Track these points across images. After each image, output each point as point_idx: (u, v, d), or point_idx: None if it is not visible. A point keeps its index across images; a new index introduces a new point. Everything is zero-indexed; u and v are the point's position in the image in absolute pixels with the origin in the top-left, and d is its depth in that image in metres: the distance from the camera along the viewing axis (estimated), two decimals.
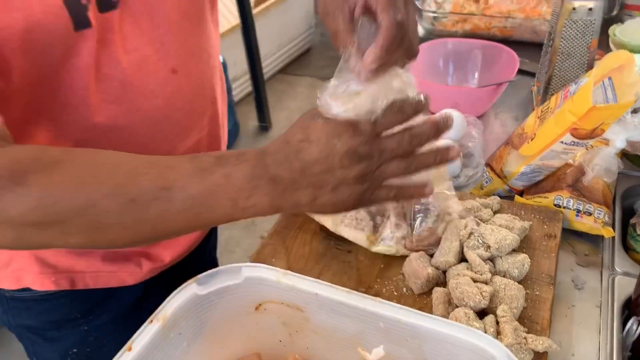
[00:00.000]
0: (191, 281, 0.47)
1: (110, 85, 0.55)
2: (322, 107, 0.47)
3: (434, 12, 1.14)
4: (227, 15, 2.70)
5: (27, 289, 0.66)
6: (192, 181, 0.47)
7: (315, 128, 0.46)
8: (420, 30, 1.20)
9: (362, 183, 0.47)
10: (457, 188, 0.78)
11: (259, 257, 0.66)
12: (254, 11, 2.65)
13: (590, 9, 0.80)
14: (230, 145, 0.78)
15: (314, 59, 3.67)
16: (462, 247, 0.62)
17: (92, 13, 0.51)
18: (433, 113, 0.88)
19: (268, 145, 0.48)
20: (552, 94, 0.87)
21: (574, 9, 0.81)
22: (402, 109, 0.47)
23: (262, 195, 0.46)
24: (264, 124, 2.89)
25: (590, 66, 0.85)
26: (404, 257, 0.64)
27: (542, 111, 0.71)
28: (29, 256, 0.64)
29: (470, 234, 0.62)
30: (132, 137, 0.59)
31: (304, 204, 0.47)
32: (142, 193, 0.45)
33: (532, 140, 0.69)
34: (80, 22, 0.50)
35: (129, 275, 0.68)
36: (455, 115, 0.82)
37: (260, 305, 0.50)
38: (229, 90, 2.74)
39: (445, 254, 0.62)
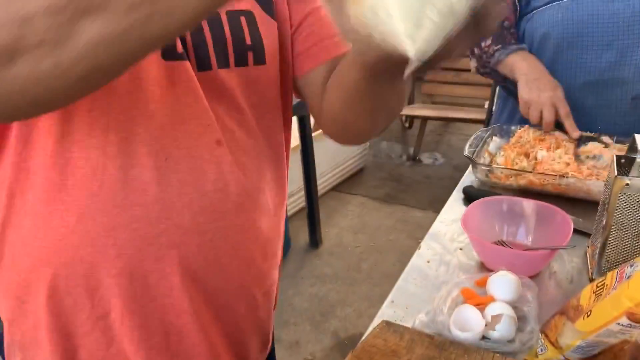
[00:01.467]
0: None
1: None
2: None
3: (487, 166, 1.21)
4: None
5: None
6: None
7: None
8: (476, 181, 1.26)
9: None
10: (512, 354, 0.79)
11: None
12: (314, 134, 2.82)
13: None
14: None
15: (366, 178, 3.79)
16: None
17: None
18: (491, 270, 0.91)
19: None
20: (607, 263, 0.89)
21: (627, 184, 0.85)
22: None
23: None
24: (315, 240, 2.96)
25: None
26: None
27: (597, 287, 0.74)
28: None
29: None
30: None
31: None
32: None
33: (588, 316, 0.71)
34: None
35: None
36: (510, 278, 0.85)
37: None
38: None
39: None
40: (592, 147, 1.26)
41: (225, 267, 0.68)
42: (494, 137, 1.37)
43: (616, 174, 0.85)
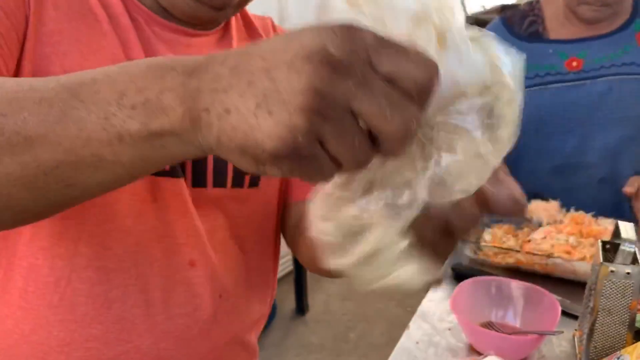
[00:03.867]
0: None
1: None
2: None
3: (475, 243, 1.22)
4: None
5: None
6: (78, 72, 0.36)
7: (300, 29, 0.30)
8: (465, 257, 1.27)
9: (308, 110, 0.28)
10: None
11: None
12: None
13: (628, 273, 0.85)
14: (264, 327, 0.79)
15: None
16: None
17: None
18: (480, 354, 0.91)
19: None
20: (595, 349, 0.89)
21: (612, 271, 0.86)
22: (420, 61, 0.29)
23: (164, 89, 0.32)
24: (301, 307, 2.91)
25: (632, 324, 0.88)
26: None
27: None
28: None
29: None
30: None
31: (215, 117, 0.30)
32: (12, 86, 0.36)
33: None
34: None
35: None
36: None
37: None
38: None
39: None
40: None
41: None
42: None
43: (601, 261, 0.87)
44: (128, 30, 0.57)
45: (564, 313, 1.04)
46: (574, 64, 1.36)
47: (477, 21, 5.17)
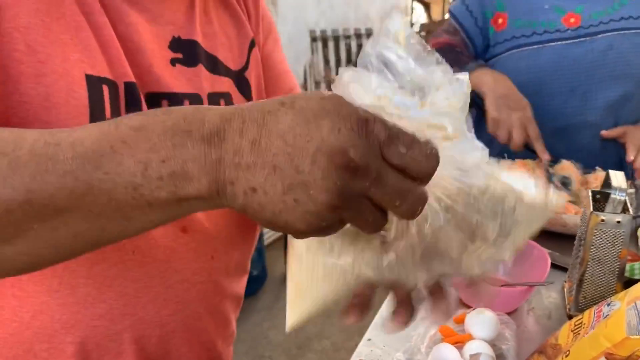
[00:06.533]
0: None
1: None
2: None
3: None
4: None
5: None
6: (88, 135, 0.36)
7: (313, 95, 0.33)
8: None
9: (332, 206, 0.33)
10: None
11: None
12: None
13: (618, 222, 0.84)
14: (256, 291, 0.79)
15: None
16: None
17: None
18: (469, 307, 0.90)
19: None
20: (584, 299, 0.88)
21: (602, 220, 0.85)
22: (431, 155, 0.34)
23: (187, 160, 0.34)
24: None
25: (621, 274, 0.87)
26: None
27: (575, 325, 0.73)
28: None
29: None
30: None
31: (241, 191, 0.33)
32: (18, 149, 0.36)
33: (566, 356, 0.70)
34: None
35: None
36: (488, 315, 0.84)
37: None
38: (261, 234, 2.81)
39: None
40: (566, 164, 1.27)
41: (184, 355, 0.65)
42: None
43: (592, 210, 0.86)
44: None
45: (554, 266, 1.03)
46: (572, 20, 1.31)
47: None
